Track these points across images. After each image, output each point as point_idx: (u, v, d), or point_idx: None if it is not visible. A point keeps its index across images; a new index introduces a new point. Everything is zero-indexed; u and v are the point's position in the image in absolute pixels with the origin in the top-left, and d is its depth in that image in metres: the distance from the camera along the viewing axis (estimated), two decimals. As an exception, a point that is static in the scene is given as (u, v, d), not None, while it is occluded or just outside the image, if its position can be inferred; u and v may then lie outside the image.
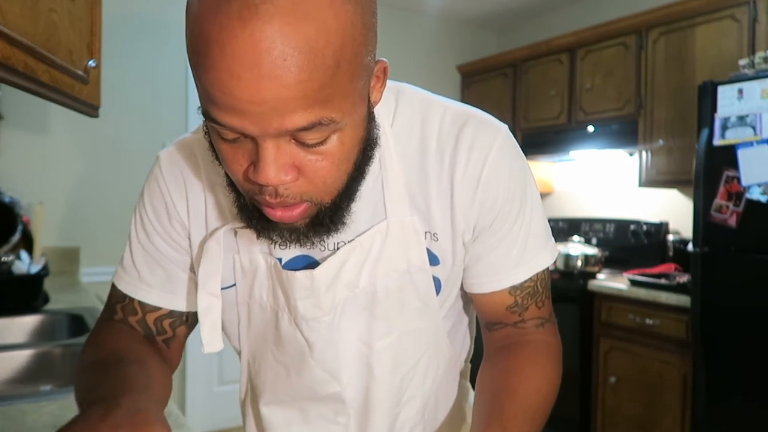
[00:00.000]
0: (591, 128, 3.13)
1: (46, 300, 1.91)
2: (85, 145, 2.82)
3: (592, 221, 3.37)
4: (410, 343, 0.74)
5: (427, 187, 0.68)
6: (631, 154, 3.13)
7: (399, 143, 0.68)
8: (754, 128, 2.10)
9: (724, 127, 2.18)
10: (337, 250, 0.68)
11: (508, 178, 0.68)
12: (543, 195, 3.76)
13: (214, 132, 0.54)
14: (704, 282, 2.24)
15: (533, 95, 3.45)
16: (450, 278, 0.72)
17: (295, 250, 0.69)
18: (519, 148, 0.71)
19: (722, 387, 2.20)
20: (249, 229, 0.62)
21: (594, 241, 3.28)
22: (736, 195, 2.16)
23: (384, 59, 0.57)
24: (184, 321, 0.78)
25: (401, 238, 0.68)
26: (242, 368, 0.82)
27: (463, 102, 0.78)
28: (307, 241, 0.61)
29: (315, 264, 0.69)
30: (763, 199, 2.09)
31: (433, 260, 0.70)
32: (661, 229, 3.03)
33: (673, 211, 3.08)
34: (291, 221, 0.58)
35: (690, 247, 2.36)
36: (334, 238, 0.67)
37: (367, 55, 0.52)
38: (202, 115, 0.52)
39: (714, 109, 2.21)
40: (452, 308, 0.77)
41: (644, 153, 2.86)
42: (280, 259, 0.70)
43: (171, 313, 0.76)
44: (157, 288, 0.74)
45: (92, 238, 2.83)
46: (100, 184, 2.85)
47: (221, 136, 0.53)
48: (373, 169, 0.65)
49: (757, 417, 2.11)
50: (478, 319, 0.80)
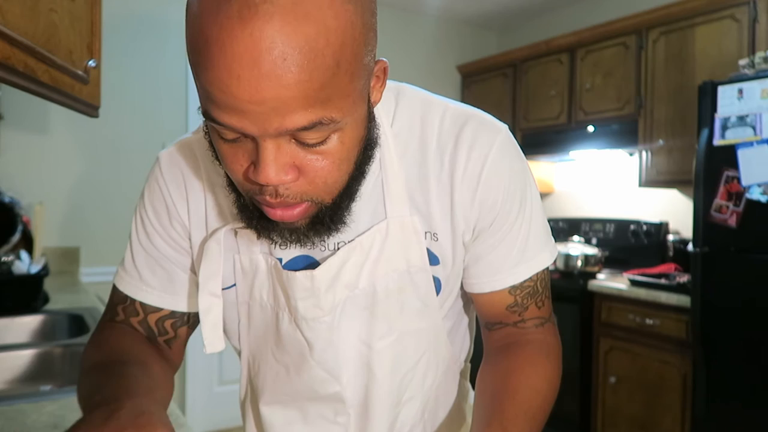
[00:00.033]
0: (591, 128, 3.13)
1: (46, 300, 1.91)
2: (85, 145, 2.83)
3: (592, 221, 3.37)
4: (410, 343, 0.74)
5: (427, 187, 0.68)
6: (631, 154, 3.13)
7: (399, 143, 0.68)
8: (754, 128, 2.10)
9: (724, 127, 2.18)
10: (337, 250, 0.68)
11: (508, 178, 0.68)
12: (543, 195, 3.76)
13: (214, 132, 0.54)
14: (704, 282, 2.24)
15: (533, 95, 3.45)
16: (450, 278, 0.72)
17: (295, 250, 0.69)
18: (519, 148, 0.71)
19: (722, 387, 2.20)
20: (249, 229, 0.62)
21: (594, 241, 3.28)
22: (736, 195, 2.16)
23: (384, 59, 0.57)
24: (186, 321, 0.78)
25: (401, 238, 0.68)
26: (242, 368, 0.82)
27: (463, 102, 0.79)
28: (307, 241, 0.61)
29: (315, 264, 0.69)
30: (763, 199, 2.09)
31: (433, 260, 0.70)
32: (661, 229, 3.03)
33: (673, 211, 3.08)
34: (291, 221, 0.58)
35: (690, 247, 2.36)
36: (335, 238, 0.67)
37: (367, 55, 0.52)
38: (202, 115, 0.52)
39: (714, 109, 2.21)
40: (452, 308, 0.77)
41: (644, 153, 2.86)
42: (280, 260, 0.70)
43: (172, 314, 0.76)
44: (158, 289, 0.74)
45: (92, 238, 2.83)
46: (100, 184, 2.85)
47: (221, 136, 0.53)
48: (373, 169, 0.65)
49: (757, 417, 2.11)
50: (478, 319, 0.80)
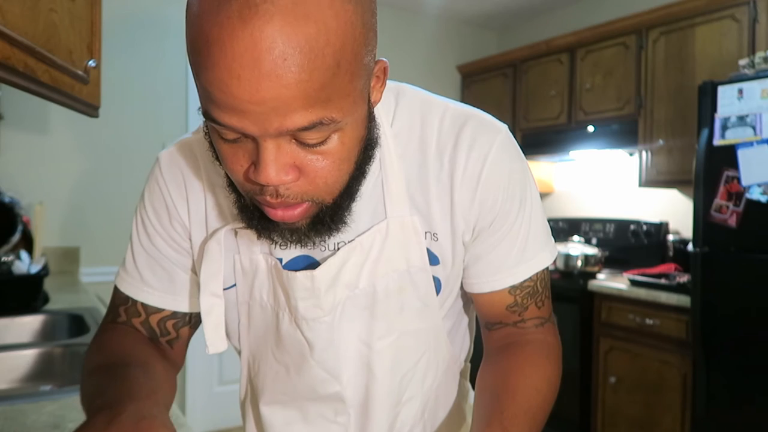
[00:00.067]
0: (591, 128, 3.13)
1: (46, 300, 1.91)
2: (85, 145, 2.82)
3: (592, 221, 3.37)
4: (410, 342, 0.74)
5: (427, 187, 0.68)
6: (631, 154, 3.13)
7: (399, 143, 0.68)
8: (754, 128, 2.10)
9: (724, 127, 2.18)
10: (337, 251, 0.68)
11: (508, 178, 0.68)
12: (543, 195, 3.76)
13: (215, 132, 0.54)
14: (704, 282, 2.24)
15: (533, 95, 3.45)
16: (450, 278, 0.72)
17: (295, 250, 0.69)
18: (519, 148, 0.71)
19: (722, 387, 2.20)
20: (250, 229, 0.62)
21: (594, 241, 3.28)
22: (736, 195, 2.16)
23: (384, 59, 0.57)
24: (188, 322, 0.78)
25: (401, 238, 0.68)
26: (242, 368, 0.82)
27: (463, 102, 0.78)
28: (308, 241, 0.61)
29: (315, 264, 0.69)
30: (763, 199, 2.09)
31: (433, 260, 0.70)
32: (661, 229, 3.03)
33: (673, 211, 3.08)
34: (292, 221, 0.58)
35: (690, 247, 2.36)
36: (335, 238, 0.67)
37: (367, 55, 0.52)
38: (203, 116, 0.52)
39: (714, 109, 2.21)
40: (452, 308, 0.77)
41: (644, 153, 2.86)
42: (280, 260, 0.70)
43: (174, 314, 0.76)
44: (160, 289, 0.75)
45: (92, 238, 2.83)
46: (100, 184, 2.85)
47: (221, 137, 0.53)
48: (373, 169, 0.65)
49: (757, 417, 2.11)
50: (478, 319, 0.80)
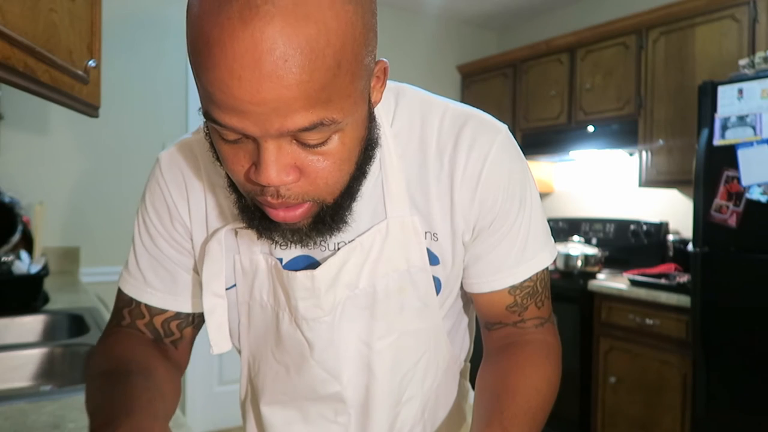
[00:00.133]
0: (591, 128, 3.13)
1: (46, 300, 1.91)
2: (85, 145, 2.82)
3: (592, 221, 3.37)
4: (410, 342, 0.74)
5: (427, 187, 0.68)
6: (631, 154, 3.13)
7: (399, 143, 0.68)
8: (754, 128, 2.10)
9: (724, 127, 2.18)
10: (337, 251, 0.68)
11: (508, 178, 0.68)
12: (543, 195, 3.76)
13: (215, 133, 0.54)
14: (704, 282, 2.24)
15: (533, 95, 3.45)
16: (450, 278, 0.72)
17: (295, 250, 0.69)
18: (518, 148, 0.71)
19: (722, 386, 2.20)
20: (250, 229, 0.63)
21: (594, 241, 3.28)
22: (736, 195, 2.16)
23: (384, 59, 0.57)
24: (191, 322, 0.78)
25: (401, 238, 0.68)
26: (242, 368, 0.82)
27: (463, 102, 0.79)
28: (309, 240, 0.61)
29: (315, 264, 0.69)
30: (763, 199, 2.09)
31: (433, 260, 0.70)
32: (661, 229, 3.03)
33: (673, 211, 3.08)
34: (293, 221, 0.58)
35: (690, 247, 2.36)
36: (335, 238, 0.67)
37: (368, 56, 0.52)
38: (203, 116, 0.52)
39: (714, 109, 2.21)
40: (452, 308, 0.77)
41: (644, 153, 2.86)
42: (280, 260, 0.70)
43: (177, 315, 0.76)
44: (162, 290, 0.75)
45: (92, 238, 2.83)
46: (100, 184, 2.85)
47: (222, 137, 0.53)
48: (374, 169, 0.65)
49: (757, 417, 2.11)
50: (478, 319, 0.80)
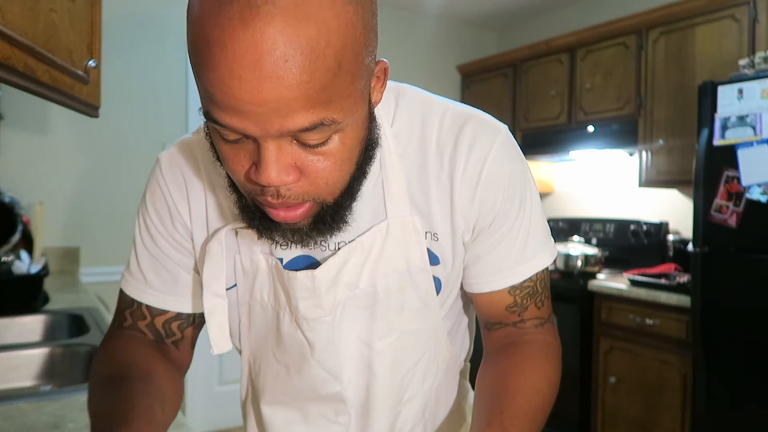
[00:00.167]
0: (591, 128, 3.13)
1: (46, 300, 1.91)
2: (85, 145, 2.82)
3: (592, 221, 3.37)
4: (410, 342, 0.74)
5: (427, 187, 0.68)
6: (631, 154, 3.13)
7: (399, 143, 0.68)
8: (754, 128, 2.10)
9: (724, 127, 2.18)
10: (337, 250, 0.68)
11: (508, 179, 0.68)
12: (543, 195, 3.76)
13: (216, 133, 0.54)
14: (704, 282, 2.24)
15: (533, 95, 3.45)
16: (450, 278, 0.72)
17: (296, 250, 0.69)
18: (518, 148, 0.71)
19: (722, 387, 2.20)
20: (251, 229, 0.63)
21: (594, 241, 3.28)
22: (736, 195, 2.16)
23: (384, 59, 0.57)
24: (192, 322, 0.78)
25: (401, 238, 0.68)
26: (243, 368, 0.82)
27: (463, 102, 0.79)
28: (309, 240, 0.61)
29: (316, 264, 0.69)
30: (763, 199, 2.09)
31: (434, 260, 0.70)
32: (661, 229, 3.03)
33: (673, 211, 3.08)
34: (294, 221, 0.58)
35: (690, 247, 2.36)
36: (335, 238, 0.67)
37: (368, 56, 0.52)
38: (204, 116, 0.52)
39: (714, 109, 2.21)
40: (452, 308, 0.77)
41: (644, 153, 2.86)
42: (281, 260, 0.70)
43: (178, 316, 0.76)
44: (163, 291, 0.75)
45: (92, 238, 2.83)
46: (100, 184, 2.85)
47: (222, 137, 0.53)
48: (374, 169, 0.65)
49: (757, 417, 2.11)
50: (478, 319, 0.80)
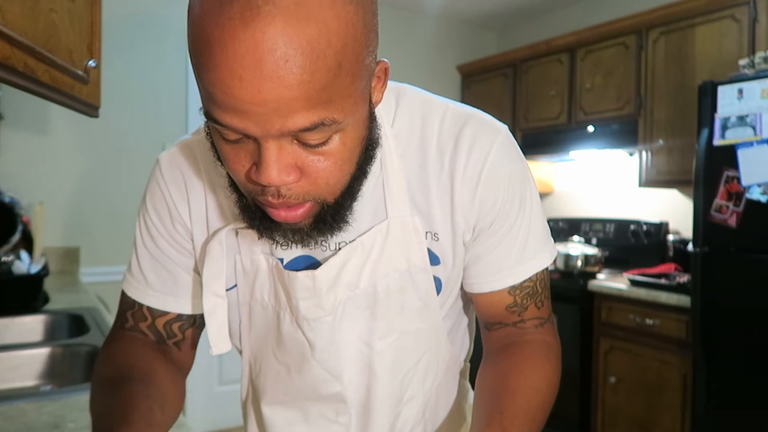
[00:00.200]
0: (591, 128, 3.13)
1: (46, 300, 1.91)
2: (85, 145, 2.82)
3: (592, 221, 3.37)
4: (411, 342, 0.74)
5: (427, 187, 0.68)
6: (631, 154, 3.13)
7: (399, 144, 0.68)
8: (754, 128, 2.10)
9: (724, 127, 2.18)
10: (338, 251, 0.68)
11: (508, 179, 0.68)
12: (543, 195, 3.76)
13: (216, 133, 0.54)
14: (704, 282, 2.24)
15: (533, 95, 3.45)
16: (450, 278, 0.72)
17: (296, 250, 0.69)
18: (518, 148, 0.71)
19: (722, 387, 2.20)
20: (251, 229, 0.63)
21: (594, 241, 3.28)
22: (736, 195, 2.16)
23: (385, 59, 0.57)
24: (193, 323, 0.78)
25: (402, 238, 0.68)
26: (244, 369, 0.82)
27: (463, 102, 0.79)
28: (310, 240, 0.61)
29: (316, 264, 0.69)
30: (763, 199, 2.09)
31: (434, 260, 0.70)
32: (661, 229, 3.03)
33: (673, 211, 3.08)
34: (295, 221, 0.58)
35: (690, 247, 2.36)
36: (336, 238, 0.67)
37: (369, 56, 0.52)
38: (204, 116, 0.52)
39: (714, 109, 2.21)
40: (452, 308, 0.77)
41: (644, 153, 2.86)
42: (281, 260, 0.70)
43: (179, 317, 0.76)
44: (164, 293, 0.75)
45: (92, 238, 2.83)
46: (100, 184, 2.85)
47: (223, 137, 0.53)
48: (374, 169, 0.65)
49: (757, 417, 2.11)
50: (478, 319, 0.81)
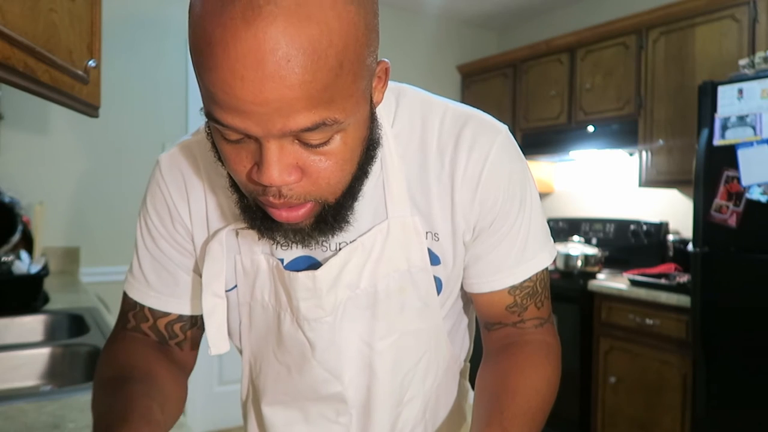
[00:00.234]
0: (591, 128, 3.13)
1: (46, 300, 1.91)
2: (85, 145, 2.82)
3: (592, 221, 3.37)
4: (411, 342, 0.74)
5: (427, 187, 0.68)
6: (631, 154, 3.13)
7: (399, 144, 0.68)
8: (754, 128, 2.10)
9: (724, 127, 2.18)
10: (338, 251, 0.68)
11: (508, 179, 0.68)
12: (543, 195, 3.76)
13: (217, 133, 0.54)
14: (704, 282, 2.24)
15: (533, 95, 3.45)
16: (451, 278, 0.72)
17: (297, 251, 0.69)
18: (518, 148, 0.71)
19: (722, 387, 2.20)
20: (252, 230, 0.63)
21: (594, 241, 3.28)
22: (736, 195, 2.16)
23: (386, 60, 0.57)
24: (194, 323, 0.78)
25: (402, 238, 0.68)
26: (244, 369, 0.82)
27: (463, 102, 0.79)
28: (311, 240, 0.61)
29: (317, 265, 0.69)
30: (763, 199, 2.09)
31: (434, 260, 0.70)
32: (661, 229, 3.03)
33: (673, 211, 3.08)
34: (296, 221, 0.58)
35: (690, 247, 2.36)
36: (336, 239, 0.67)
37: (370, 56, 0.52)
38: (205, 116, 0.52)
39: (714, 109, 2.21)
40: (453, 308, 0.77)
41: (644, 153, 2.86)
42: (282, 260, 0.70)
43: (180, 317, 0.76)
44: (165, 293, 0.75)
45: (92, 238, 2.83)
46: (100, 184, 2.85)
47: (224, 137, 0.53)
48: (375, 169, 0.65)
49: (758, 417, 2.11)
50: (478, 319, 0.81)
